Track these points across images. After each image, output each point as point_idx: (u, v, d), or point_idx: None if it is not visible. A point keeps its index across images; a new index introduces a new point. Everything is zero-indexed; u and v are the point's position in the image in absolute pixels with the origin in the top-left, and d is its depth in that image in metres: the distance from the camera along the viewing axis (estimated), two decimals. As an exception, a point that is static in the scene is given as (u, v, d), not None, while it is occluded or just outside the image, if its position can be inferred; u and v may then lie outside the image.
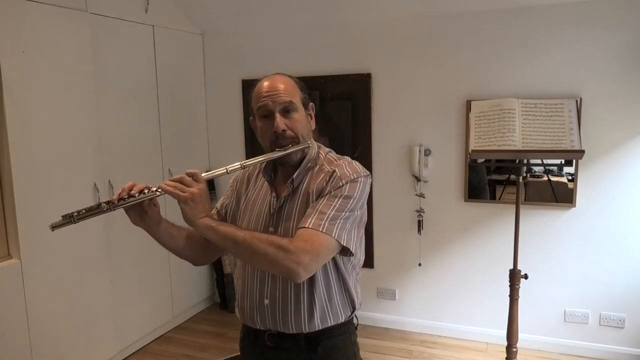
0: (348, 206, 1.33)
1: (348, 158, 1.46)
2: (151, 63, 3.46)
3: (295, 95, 1.41)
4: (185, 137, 3.82)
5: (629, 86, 2.97)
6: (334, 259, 1.38)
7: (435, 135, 3.39)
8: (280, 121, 1.37)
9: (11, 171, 2.54)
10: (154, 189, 1.31)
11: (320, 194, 1.36)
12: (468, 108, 3.22)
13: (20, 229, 2.58)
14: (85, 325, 2.98)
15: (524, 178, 3.03)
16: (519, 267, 2.66)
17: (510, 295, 2.68)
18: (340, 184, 1.35)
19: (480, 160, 3.18)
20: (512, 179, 3.19)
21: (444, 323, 3.55)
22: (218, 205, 1.61)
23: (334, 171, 1.38)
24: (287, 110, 1.38)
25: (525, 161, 2.69)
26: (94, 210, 1.31)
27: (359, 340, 1.57)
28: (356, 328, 1.55)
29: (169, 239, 1.45)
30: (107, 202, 1.30)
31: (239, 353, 1.62)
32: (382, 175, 3.52)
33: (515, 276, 2.65)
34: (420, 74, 3.39)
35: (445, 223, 3.44)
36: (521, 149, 2.48)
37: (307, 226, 1.29)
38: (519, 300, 2.69)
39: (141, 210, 1.35)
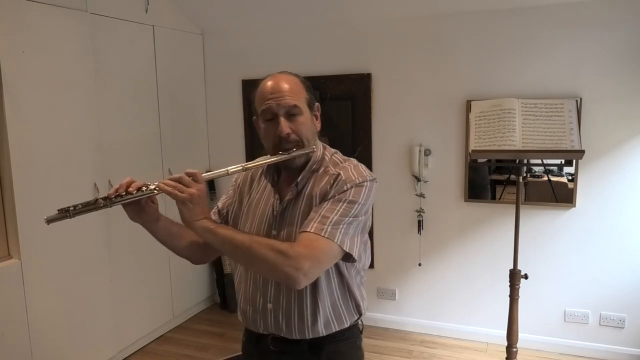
0: (352, 211, 1.29)
1: (354, 160, 1.43)
2: (151, 63, 3.46)
3: (301, 97, 1.37)
4: (185, 137, 3.82)
5: (629, 86, 2.97)
6: (336, 264, 1.35)
7: (435, 135, 3.39)
8: (284, 125, 1.33)
9: (11, 171, 2.54)
10: (152, 187, 1.29)
11: (324, 198, 1.33)
12: (468, 108, 3.22)
13: (20, 229, 2.58)
14: (85, 325, 2.98)
15: (524, 178, 3.02)
16: (519, 267, 2.66)
17: (510, 295, 2.68)
18: (345, 188, 1.31)
19: (481, 160, 3.17)
20: (512, 179, 3.19)
21: (444, 323, 3.55)
22: (220, 204, 1.58)
23: (339, 174, 1.34)
24: (292, 114, 1.35)
25: (525, 161, 2.69)
26: (90, 206, 1.29)
27: None
28: (361, 332, 1.52)
29: (167, 236, 1.43)
30: (104, 198, 1.28)
31: (239, 353, 1.62)
32: (382, 175, 3.52)
33: (515, 276, 2.65)
34: (420, 74, 3.39)
35: (446, 223, 3.44)
36: (521, 149, 2.48)
37: (308, 230, 1.25)
38: (519, 300, 2.69)
39: (139, 207, 1.34)
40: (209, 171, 1.38)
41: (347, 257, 1.31)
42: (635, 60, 2.93)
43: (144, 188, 1.30)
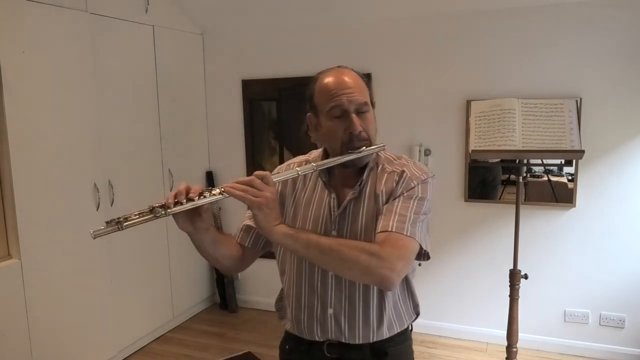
0: (423, 208, 1.28)
1: (404, 156, 1.40)
2: (151, 63, 3.46)
3: (367, 94, 1.33)
4: (185, 137, 3.82)
5: (629, 86, 2.97)
6: None
7: (435, 135, 3.39)
8: (357, 122, 1.28)
9: (11, 171, 2.54)
10: (217, 191, 1.19)
11: (390, 196, 1.29)
12: (468, 108, 3.22)
13: (20, 229, 2.58)
14: (85, 325, 2.98)
15: (524, 178, 3.02)
16: (519, 267, 2.66)
17: (510, 295, 2.68)
18: (412, 185, 1.29)
19: (494, 160, 3.15)
20: (512, 179, 3.19)
21: (444, 323, 3.55)
22: None
23: (403, 171, 1.32)
24: (361, 111, 1.30)
25: (525, 161, 2.69)
26: (147, 216, 1.15)
27: None
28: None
29: (211, 245, 1.32)
30: (162, 206, 1.17)
31: (239, 353, 1.61)
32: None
33: (515, 276, 2.65)
34: (420, 74, 3.39)
35: (445, 223, 3.44)
36: (521, 149, 2.48)
37: (389, 229, 1.22)
38: (519, 300, 2.69)
39: (195, 214, 1.22)
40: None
41: (419, 255, 1.30)
42: (636, 61, 2.94)
43: (206, 194, 1.19)
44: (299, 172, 1.28)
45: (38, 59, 2.66)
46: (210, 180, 3.97)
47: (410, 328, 1.48)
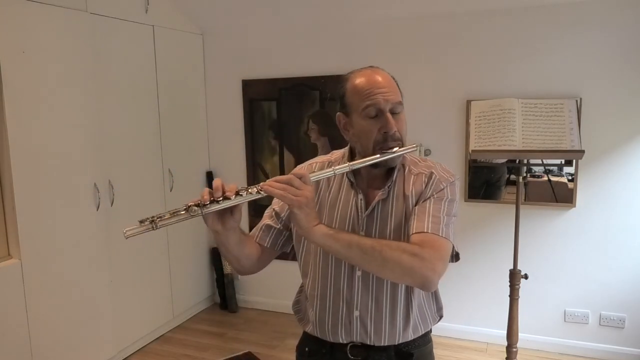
0: (453, 210, 1.29)
1: (427, 158, 1.42)
2: (151, 63, 3.46)
3: (399, 94, 1.32)
4: (185, 137, 3.82)
5: (629, 86, 2.97)
6: None
7: (435, 135, 3.39)
8: (392, 122, 1.26)
9: (11, 171, 2.54)
10: (254, 190, 1.17)
11: (420, 197, 1.29)
12: (468, 108, 3.22)
13: (20, 229, 2.58)
14: (85, 325, 2.98)
15: (524, 178, 3.03)
16: (519, 267, 2.66)
17: (510, 295, 2.68)
18: (441, 186, 1.29)
19: (500, 160, 3.15)
20: (512, 179, 3.19)
21: (444, 323, 3.51)
22: (277, 207, 1.44)
23: (432, 173, 1.32)
24: (395, 111, 1.29)
25: (525, 161, 2.69)
26: (182, 215, 1.13)
27: None
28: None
29: (236, 245, 1.29)
30: (197, 205, 1.14)
31: (239, 353, 1.60)
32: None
33: (515, 276, 2.65)
34: (420, 74, 3.39)
35: (445, 223, 3.44)
36: (521, 149, 2.48)
37: (425, 231, 1.22)
38: (519, 300, 2.69)
39: (227, 212, 1.20)
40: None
41: (450, 257, 1.30)
42: (636, 60, 2.94)
43: (242, 192, 1.17)
44: (335, 172, 1.26)
45: (38, 59, 2.66)
46: (210, 180, 3.97)
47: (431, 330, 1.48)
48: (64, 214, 2.81)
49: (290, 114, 3.80)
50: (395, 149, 1.27)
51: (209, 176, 4.01)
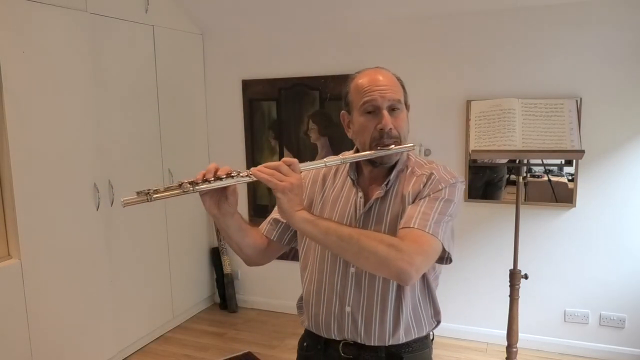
0: (449, 210, 1.27)
1: (435, 162, 1.40)
2: (151, 63, 3.46)
3: (401, 94, 1.35)
4: (185, 137, 3.82)
5: (628, 86, 2.97)
6: None
7: (435, 135, 3.39)
8: (388, 119, 1.29)
9: (11, 171, 2.54)
10: (244, 174, 1.22)
11: (417, 197, 1.29)
12: (468, 108, 3.22)
13: (20, 229, 2.58)
14: (85, 325, 2.98)
15: (524, 178, 3.03)
16: (519, 267, 2.66)
17: (510, 295, 2.68)
18: (440, 187, 1.29)
19: (502, 161, 3.15)
20: (512, 179, 3.19)
21: (443, 323, 3.52)
22: None
23: (432, 174, 1.32)
24: (393, 109, 1.31)
25: (525, 161, 2.69)
26: (174, 190, 1.18)
27: None
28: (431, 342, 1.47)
29: (237, 231, 1.34)
30: (190, 182, 1.19)
31: (239, 353, 1.60)
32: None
33: (515, 276, 2.65)
34: (420, 74, 3.39)
35: (445, 223, 3.44)
36: (521, 149, 2.48)
37: (411, 226, 1.21)
38: (519, 300, 2.69)
39: (222, 196, 1.26)
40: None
41: (441, 258, 1.28)
42: (636, 60, 2.94)
43: (233, 174, 1.22)
44: (326, 163, 1.31)
45: (38, 59, 2.66)
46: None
47: (431, 337, 1.47)
48: (64, 214, 2.81)
49: (290, 114, 3.80)
50: (391, 147, 1.29)
51: (209, 176, 4.00)
